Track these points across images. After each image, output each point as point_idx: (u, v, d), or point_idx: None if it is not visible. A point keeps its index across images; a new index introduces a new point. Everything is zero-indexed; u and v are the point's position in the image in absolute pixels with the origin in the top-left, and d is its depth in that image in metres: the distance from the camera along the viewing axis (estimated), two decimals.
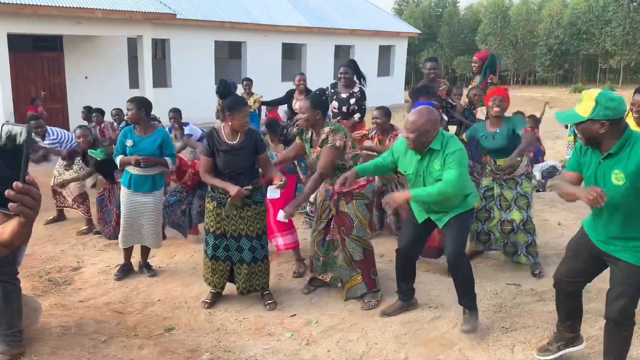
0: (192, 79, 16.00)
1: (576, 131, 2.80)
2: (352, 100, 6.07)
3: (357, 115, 6.13)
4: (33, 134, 6.17)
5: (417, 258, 4.00)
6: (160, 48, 18.36)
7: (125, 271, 4.76)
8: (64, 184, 6.01)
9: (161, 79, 16.33)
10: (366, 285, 4.09)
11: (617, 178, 2.68)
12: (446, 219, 3.57)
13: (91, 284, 4.64)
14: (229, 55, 21.20)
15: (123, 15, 12.65)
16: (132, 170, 4.50)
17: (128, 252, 4.76)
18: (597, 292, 3.96)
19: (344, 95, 6.11)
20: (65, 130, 7.46)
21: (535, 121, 8.33)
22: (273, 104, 8.43)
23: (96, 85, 14.04)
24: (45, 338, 3.45)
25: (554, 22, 33.23)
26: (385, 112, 5.22)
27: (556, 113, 2.87)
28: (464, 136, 4.97)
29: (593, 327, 3.64)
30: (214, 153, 3.91)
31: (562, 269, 3.15)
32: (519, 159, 4.48)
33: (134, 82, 14.48)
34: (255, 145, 3.92)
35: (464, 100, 6.28)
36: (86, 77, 14.34)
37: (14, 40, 11.73)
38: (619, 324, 2.84)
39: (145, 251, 4.82)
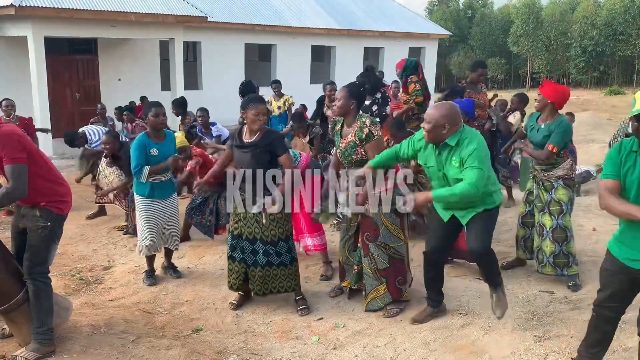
0: (223, 82, 16.13)
1: (631, 126, 2.70)
2: (375, 107, 6.08)
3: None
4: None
5: (445, 261, 3.92)
6: (191, 51, 18.60)
7: (154, 276, 4.76)
8: (108, 191, 6.13)
9: (192, 81, 16.54)
10: (391, 295, 3.98)
11: None
12: (470, 215, 3.52)
13: (121, 284, 4.70)
14: (259, 57, 21.34)
15: (156, 19, 12.86)
16: (155, 178, 4.45)
17: (152, 258, 4.74)
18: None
19: (366, 103, 6.10)
20: (96, 128, 7.65)
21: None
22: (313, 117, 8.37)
23: (129, 87, 14.30)
24: (76, 337, 3.49)
25: (589, 23, 32.45)
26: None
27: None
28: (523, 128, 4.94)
29: (631, 339, 3.50)
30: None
31: (602, 296, 3.00)
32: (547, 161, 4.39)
33: (166, 85, 14.69)
34: (270, 145, 3.85)
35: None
36: (119, 80, 14.63)
37: (50, 44, 12.04)
38: None
39: (169, 253, 4.85)
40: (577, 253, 4.51)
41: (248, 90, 6.32)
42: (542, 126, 4.42)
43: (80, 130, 7.55)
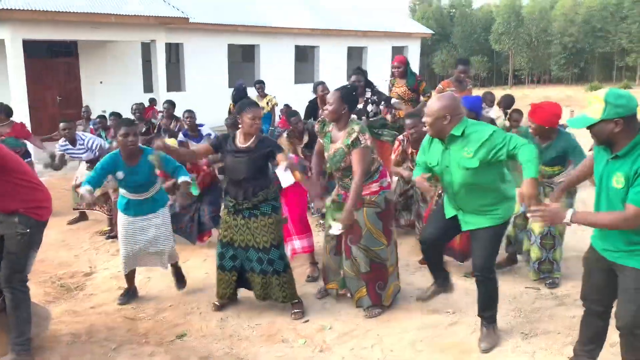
0: (206, 83, 16.02)
1: (590, 135, 2.69)
2: (370, 107, 5.97)
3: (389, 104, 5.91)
4: (62, 137, 6.24)
5: (443, 245, 3.79)
6: (174, 52, 18.44)
7: (128, 295, 4.37)
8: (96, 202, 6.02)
9: (175, 83, 16.38)
10: (370, 299, 3.93)
11: (617, 181, 2.59)
12: (474, 227, 3.36)
13: (103, 290, 4.61)
14: (242, 58, 21.23)
15: (137, 20, 12.71)
16: (130, 195, 4.17)
17: (130, 276, 4.40)
18: None
19: (359, 106, 6.02)
20: (95, 137, 7.45)
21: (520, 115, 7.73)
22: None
23: (111, 89, 14.12)
24: (55, 346, 3.41)
25: (568, 20, 32.79)
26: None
27: (568, 120, 2.77)
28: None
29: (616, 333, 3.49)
30: (218, 151, 3.91)
31: (584, 287, 3.02)
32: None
33: (148, 87, 14.54)
34: (267, 152, 3.76)
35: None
36: (101, 82, 14.45)
37: (29, 47, 11.84)
38: (635, 334, 2.69)
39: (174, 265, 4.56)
40: (562, 255, 4.48)
41: (240, 96, 6.22)
42: (544, 145, 4.30)
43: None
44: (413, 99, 6.35)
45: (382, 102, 5.78)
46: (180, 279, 4.52)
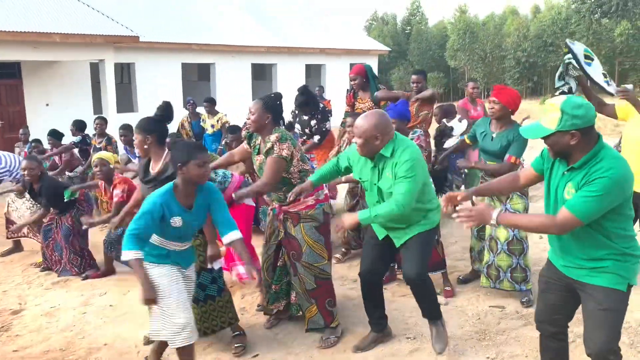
0: (159, 103, 15.48)
1: (545, 145, 2.48)
2: (313, 122, 5.86)
3: (316, 137, 5.99)
4: None
5: (382, 281, 3.62)
6: (126, 72, 17.91)
7: None
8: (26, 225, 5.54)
9: (127, 103, 15.86)
10: (323, 319, 3.65)
11: (568, 192, 2.39)
12: (405, 238, 3.25)
13: (31, 329, 4.15)
14: (198, 77, 20.84)
15: (82, 39, 12.23)
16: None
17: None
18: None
19: (305, 117, 5.95)
20: (15, 156, 6.99)
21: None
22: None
23: (58, 112, 13.48)
24: None
25: (521, 35, 33.70)
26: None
27: (521, 129, 2.54)
28: (466, 137, 4.66)
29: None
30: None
31: (540, 307, 2.79)
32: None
33: (98, 108, 13.98)
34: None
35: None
36: (47, 104, 13.83)
37: None
38: None
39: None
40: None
41: (169, 116, 5.90)
42: (496, 134, 4.19)
43: None
44: None
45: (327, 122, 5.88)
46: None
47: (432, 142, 6.15)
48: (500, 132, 4.19)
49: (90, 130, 7.89)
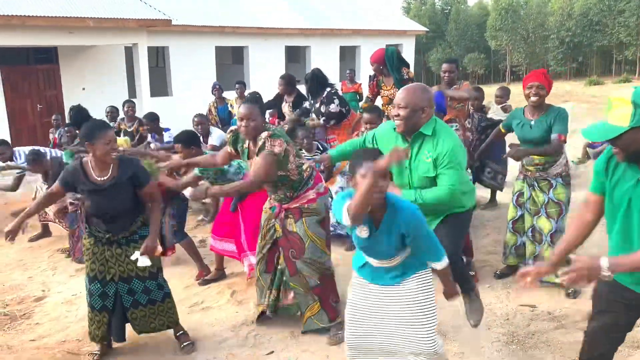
0: (194, 86, 15.56)
1: (613, 150, 2.13)
2: (323, 108, 5.64)
3: (322, 119, 5.74)
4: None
5: None
6: (160, 56, 18.00)
7: None
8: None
9: (162, 87, 15.95)
10: (328, 316, 3.50)
11: None
12: (435, 223, 3.13)
13: (51, 318, 4.15)
14: (233, 60, 20.78)
15: (116, 24, 12.27)
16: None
17: None
18: None
19: (317, 105, 5.76)
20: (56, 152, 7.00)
21: (506, 92, 6.97)
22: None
23: (94, 96, 13.65)
24: None
25: (565, 14, 32.34)
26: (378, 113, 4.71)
27: (583, 130, 2.14)
28: (501, 126, 4.41)
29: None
30: (75, 191, 3.26)
31: (594, 326, 2.47)
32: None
33: (133, 92, 14.09)
34: (131, 179, 3.18)
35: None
36: (83, 89, 14.00)
37: (6, 54, 11.41)
38: None
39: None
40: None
41: (81, 118, 5.89)
42: (534, 121, 3.95)
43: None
44: None
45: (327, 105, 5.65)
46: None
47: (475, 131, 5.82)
48: (538, 119, 3.97)
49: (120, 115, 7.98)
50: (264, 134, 3.27)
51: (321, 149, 5.28)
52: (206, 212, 6.55)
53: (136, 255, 3.21)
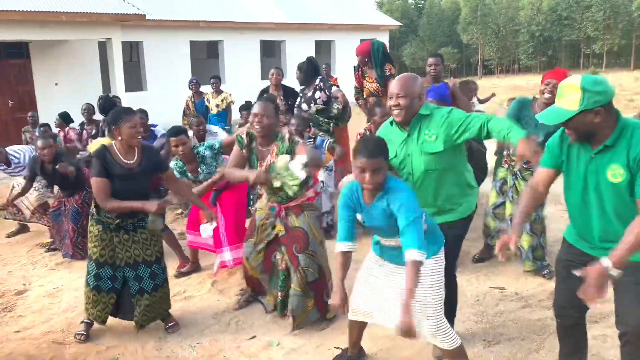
0: (168, 81, 15.51)
1: (566, 130, 2.35)
2: (317, 94, 5.72)
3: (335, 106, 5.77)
4: None
5: None
6: (135, 51, 17.85)
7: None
8: (14, 199, 5.63)
9: (137, 82, 15.85)
10: (318, 311, 3.62)
11: (614, 174, 2.25)
12: (444, 219, 2.99)
13: (33, 310, 4.20)
14: (207, 55, 20.72)
15: (89, 18, 12.16)
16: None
17: None
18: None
19: (309, 94, 5.80)
20: (24, 148, 6.91)
21: (472, 89, 7.00)
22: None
23: (67, 91, 13.53)
24: None
25: (535, 8, 32.99)
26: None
27: (538, 116, 2.37)
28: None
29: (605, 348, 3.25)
30: (108, 175, 3.30)
31: (561, 293, 2.66)
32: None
33: (108, 87, 13.98)
34: (155, 165, 3.46)
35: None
36: (56, 84, 13.84)
37: None
38: None
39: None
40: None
41: (110, 106, 5.89)
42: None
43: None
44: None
45: (328, 89, 5.75)
46: None
47: None
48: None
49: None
50: (286, 133, 3.45)
51: (312, 137, 5.23)
52: (185, 206, 6.61)
53: (205, 227, 3.65)
